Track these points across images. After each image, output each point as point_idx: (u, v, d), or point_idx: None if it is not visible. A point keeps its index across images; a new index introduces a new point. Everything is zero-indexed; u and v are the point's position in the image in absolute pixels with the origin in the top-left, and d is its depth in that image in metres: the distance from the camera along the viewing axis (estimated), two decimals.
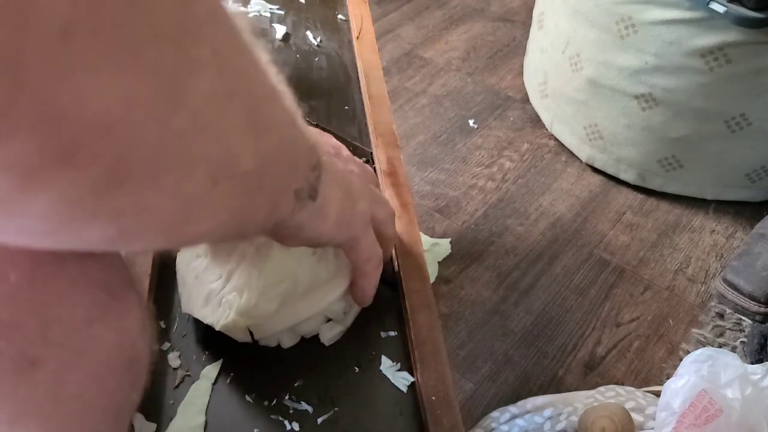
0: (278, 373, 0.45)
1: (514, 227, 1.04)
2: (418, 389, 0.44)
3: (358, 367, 0.46)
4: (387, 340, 0.47)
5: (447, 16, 1.50)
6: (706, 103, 0.96)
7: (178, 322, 0.47)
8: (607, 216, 1.07)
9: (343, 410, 0.43)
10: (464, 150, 1.18)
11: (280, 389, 0.44)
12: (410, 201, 0.54)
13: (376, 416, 0.43)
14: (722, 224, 1.06)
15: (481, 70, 1.35)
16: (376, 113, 0.62)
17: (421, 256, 0.50)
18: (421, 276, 0.49)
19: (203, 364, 0.45)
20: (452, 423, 0.41)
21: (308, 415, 0.43)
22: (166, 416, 0.42)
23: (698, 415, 0.55)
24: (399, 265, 0.50)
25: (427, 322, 0.46)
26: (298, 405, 0.44)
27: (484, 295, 0.94)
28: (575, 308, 0.93)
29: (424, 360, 0.44)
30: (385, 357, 0.46)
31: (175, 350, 0.46)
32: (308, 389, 0.44)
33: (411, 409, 0.44)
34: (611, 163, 1.11)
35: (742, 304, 0.88)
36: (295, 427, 0.42)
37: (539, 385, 0.84)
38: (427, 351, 0.45)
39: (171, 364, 0.45)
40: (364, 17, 0.74)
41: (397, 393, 0.44)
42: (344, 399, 0.44)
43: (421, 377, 0.44)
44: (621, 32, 0.98)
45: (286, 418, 0.43)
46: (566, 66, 1.10)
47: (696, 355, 0.58)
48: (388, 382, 0.45)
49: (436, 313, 0.46)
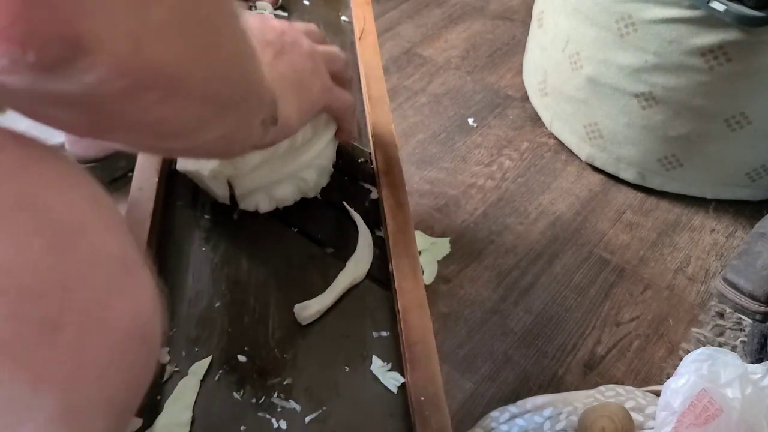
0: (267, 371, 0.45)
1: (513, 226, 1.04)
2: (408, 390, 0.44)
3: (348, 367, 0.46)
4: (379, 340, 0.47)
5: (446, 15, 1.50)
6: (706, 101, 0.96)
7: (168, 317, 0.48)
8: (607, 215, 1.07)
9: (331, 410, 0.43)
10: (464, 149, 1.17)
11: (268, 387, 0.44)
12: (406, 201, 0.54)
13: (365, 417, 0.43)
14: (722, 223, 1.06)
15: (481, 69, 1.35)
16: (376, 114, 0.62)
17: (415, 257, 0.50)
18: (415, 276, 0.49)
19: (192, 360, 0.45)
20: (440, 425, 0.41)
21: (296, 414, 0.43)
22: (153, 412, 0.42)
23: (698, 414, 0.54)
24: (393, 265, 0.50)
25: (419, 322, 0.46)
26: (287, 403, 0.43)
27: (484, 294, 0.94)
28: (575, 307, 0.93)
29: (414, 360, 0.44)
30: (376, 357, 0.46)
31: (165, 346, 0.46)
32: (297, 388, 0.44)
33: (401, 411, 0.43)
34: (611, 162, 1.11)
35: (743, 303, 0.88)
36: (283, 425, 0.42)
37: (539, 385, 0.84)
38: (418, 351, 0.44)
39: (160, 360, 0.45)
40: (367, 18, 0.74)
41: (388, 394, 0.44)
42: (333, 398, 0.44)
43: (411, 378, 0.43)
44: (621, 31, 0.98)
45: (273, 416, 0.43)
46: (566, 64, 1.09)
47: (696, 355, 0.58)
48: (379, 383, 0.45)
49: (428, 314, 0.46)
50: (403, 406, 0.44)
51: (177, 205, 0.56)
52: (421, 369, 0.43)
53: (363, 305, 0.49)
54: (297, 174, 0.53)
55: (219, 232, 0.54)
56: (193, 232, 0.54)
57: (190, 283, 0.50)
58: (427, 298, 0.48)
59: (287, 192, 0.54)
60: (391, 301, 0.49)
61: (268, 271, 0.51)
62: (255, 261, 0.52)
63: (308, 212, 0.56)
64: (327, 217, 0.56)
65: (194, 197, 0.57)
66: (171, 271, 0.51)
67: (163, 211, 0.55)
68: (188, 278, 0.50)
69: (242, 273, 0.51)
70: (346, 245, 0.53)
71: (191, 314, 0.48)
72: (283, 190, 0.53)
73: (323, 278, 0.50)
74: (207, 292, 0.50)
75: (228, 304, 0.49)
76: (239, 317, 0.48)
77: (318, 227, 0.55)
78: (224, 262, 0.52)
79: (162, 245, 0.53)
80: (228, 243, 0.53)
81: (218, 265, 0.51)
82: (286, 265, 0.52)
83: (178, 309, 0.48)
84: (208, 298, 0.49)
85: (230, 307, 0.49)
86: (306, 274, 0.51)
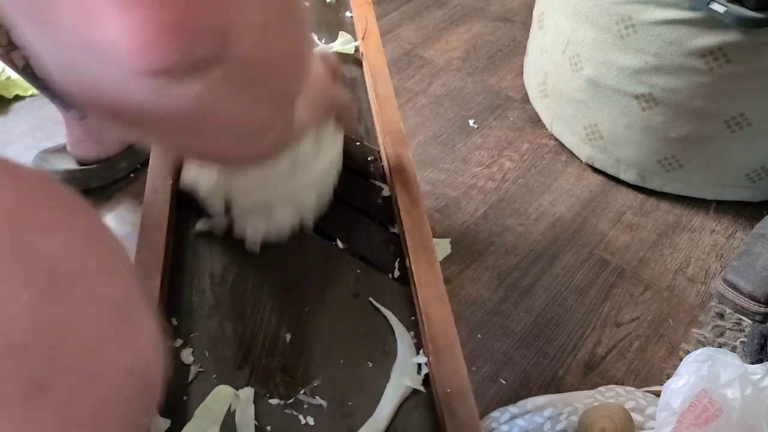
0: (292, 369, 0.46)
1: (514, 227, 1.04)
2: (433, 382, 0.44)
3: (371, 362, 0.46)
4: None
5: (447, 16, 1.50)
6: (706, 103, 0.96)
7: (191, 318, 0.48)
8: (607, 216, 1.07)
9: (357, 405, 0.44)
10: (464, 150, 1.18)
11: (294, 385, 0.45)
12: (419, 198, 0.55)
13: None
14: (722, 224, 1.06)
15: (481, 70, 1.35)
16: (383, 112, 0.63)
17: (433, 251, 0.51)
18: (433, 270, 0.49)
19: (216, 359, 0.46)
20: (468, 415, 0.41)
21: (323, 410, 0.44)
22: (180, 413, 0.43)
23: (698, 415, 0.55)
24: (411, 261, 0.50)
25: (440, 315, 0.46)
26: (313, 400, 0.44)
27: (484, 295, 0.94)
28: (575, 308, 0.93)
29: (438, 353, 0.44)
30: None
31: (188, 347, 0.46)
32: (322, 385, 0.45)
33: (425, 403, 0.44)
34: (611, 163, 1.11)
35: (742, 304, 0.88)
36: (310, 421, 0.43)
37: (539, 385, 0.84)
38: (441, 344, 0.45)
39: (184, 361, 0.46)
40: (369, 18, 0.74)
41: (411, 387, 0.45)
42: (358, 393, 0.45)
43: (435, 370, 0.44)
44: (621, 32, 0.98)
45: (300, 413, 0.43)
46: (566, 66, 1.10)
47: (696, 355, 0.58)
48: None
49: (449, 307, 0.47)
50: (426, 399, 0.44)
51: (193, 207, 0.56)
52: (445, 361, 0.44)
53: (381, 302, 0.50)
54: (295, 196, 0.52)
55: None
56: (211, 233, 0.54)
57: (208, 285, 0.50)
58: None
59: (285, 215, 0.52)
60: (409, 296, 0.50)
61: (286, 270, 0.52)
62: (273, 261, 0.53)
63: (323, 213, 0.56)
64: (339, 216, 0.56)
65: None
66: (190, 271, 0.51)
67: (178, 213, 0.55)
68: (206, 279, 0.51)
69: (262, 273, 0.52)
70: (359, 241, 0.54)
71: (213, 315, 0.48)
72: (281, 212, 0.52)
73: (340, 275, 0.52)
74: (228, 293, 0.50)
75: (250, 304, 0.49)
76: (262, 316, 0.49)
77: (332, 226, 0.55)
78: (243, 261, 0.52)
79: (179, 246, 0.53)
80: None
81: (237, 264, 0.52)
82: (302, 263, 0.52)
83: (199, 310, 0.49)
84: (230, 298, 0.50)
85: (252, 307, 0.49)
86: (324, 272, 0.52)
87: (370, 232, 0.55)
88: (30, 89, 1.21)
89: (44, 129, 1.17)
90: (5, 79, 1.21)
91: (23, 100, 1.22)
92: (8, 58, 0.87)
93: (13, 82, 1.21)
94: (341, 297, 0.50)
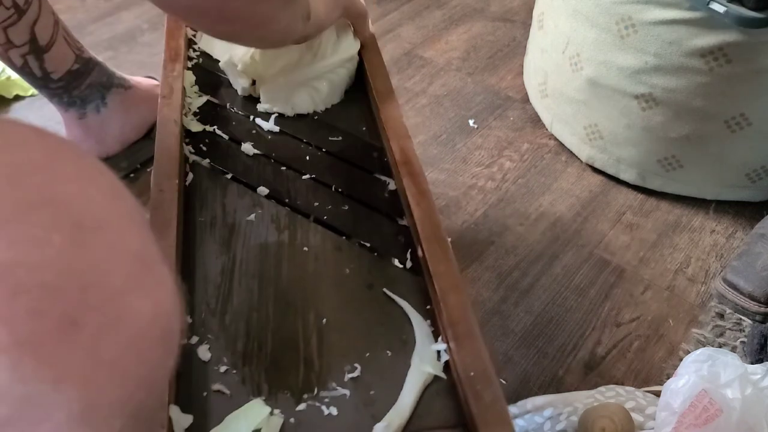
0: (312, 361, 0.46)
1: (514, 227, 1.04)
2: (454, 368, 0.45)
3: (390, 351, 0.46)
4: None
5: (447, 16, 1.50)
6: (706, 103, 0.96)
7: (205, 316, 0.48)
8: (607, 216, 1.07)
9: (379, 394, 0.44)
10: (464, 150, 1.18)
11: (315, 376, 0.45)
12: (427, 188, 0.56)
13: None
14: (722, 224, 1.06)
15: (481, 70, 1.35)
16: (385, 109, 0.63)
17: (445, 240, 0.51)
18: (448, 259, 0.50)
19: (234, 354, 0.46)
20: (494, 397, 0.41)
21: (345, 400, 0.44)
22: (201, 409, 0.43)
23: (698, 415, 0.55)
24: (424, 250, 0.51)
25: (458, 301, 0.47)
26: (335, 391, 0.44)
27: (484, 295, 0.94)
28: (575, 308, 0.93)
29: (458, 339, 0.45)
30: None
31: (204, 343, 0.47)
32: (343, 375, 0.45)
33: (446, 389, 0.45)
34: (611, 163, 1.11)
35: (742, 304, 0.88)
36: (333, 411, 0.43)
37: (539, 385, 0.84)
38: (461, 330, 0.45)
39: (201, 357, 0.46)
40: None
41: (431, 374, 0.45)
42: (378, 383, 0.45)
43: (457, 356, 0.44)
44: (621, 32, 0.98)
45: (323, 403, 0.44)
46: (566, 66, 1.10)
47: (696, 355, 0.58)
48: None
49: (466, 294, 0.47)
50: (447, 385, 0.45)
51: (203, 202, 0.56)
52: (466, 346, 0.44)
53: (395, 292, 0.50)
54: (311, 83, 0.65)
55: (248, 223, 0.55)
56: (221, 227, 0.55)
57: (221, 281, 0.51)
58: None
59: (303, 99, 0.66)
60: (422, 285, 0.50)
61: (298, 264, 0.52)
62: (284, 257, 0.53)
63: (331, 208, 0.57)
64: (348, 210, 0.57)
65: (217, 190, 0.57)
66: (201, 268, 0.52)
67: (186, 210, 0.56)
68: (218, 275, 0.51)
69: (274, 269, 0.52)
70: (369, 233, 0.55)
71: (227, 311, 0.49)
72: (299, 96, 0.66)
73: (352, 268, 0.52)
74: (241, 289, 0.50)
75: (264, 299, 0.50)
76: (276, 311, 0.49)
77: (341, 220, 0.56)
78: (255, 258, 0.53)
79: (188, 243, 0.53)
80: (257, 237, 0.54)
81: (248, 261, 0.53)
82: (314, 257, 0.53)
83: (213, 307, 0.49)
84: (243, 294, 0.50)
85: (266, 302, 0.50)
86: (336, 265, 0.53)
87: (379, 225, 0.56)
88: (30, 89, 1.21)
89: (52, 122, 1.17)
90: (5, 79, 1.20)
91: (23, 100, 1.22)
92: (6, 57, 0.87)
93: (13, 82, 1.21)
94: (355, 289, 0.51)
